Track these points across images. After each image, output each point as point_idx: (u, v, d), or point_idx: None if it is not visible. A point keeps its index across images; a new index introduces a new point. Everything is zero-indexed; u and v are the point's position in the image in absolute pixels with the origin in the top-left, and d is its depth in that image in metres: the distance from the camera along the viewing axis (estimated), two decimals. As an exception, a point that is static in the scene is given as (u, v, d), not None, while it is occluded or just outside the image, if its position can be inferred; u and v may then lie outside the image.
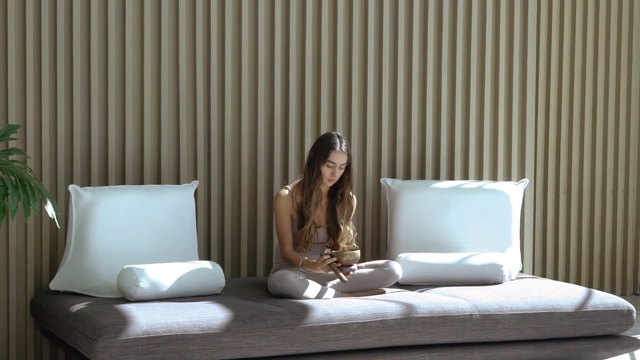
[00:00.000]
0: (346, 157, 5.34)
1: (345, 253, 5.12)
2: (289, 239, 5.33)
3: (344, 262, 5.12)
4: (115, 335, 4.43)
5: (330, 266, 5.16)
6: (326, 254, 5.18)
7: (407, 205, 5.86)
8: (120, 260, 5.15)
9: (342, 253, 5.12)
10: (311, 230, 5.32)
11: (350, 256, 5.12)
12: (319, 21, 5.93)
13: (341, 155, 5.32)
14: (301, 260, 5.24)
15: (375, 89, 6.06)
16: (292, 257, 5.29)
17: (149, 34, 5.59)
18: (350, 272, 5.15)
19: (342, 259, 5.12)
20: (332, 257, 5.14)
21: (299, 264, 5.24)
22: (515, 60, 6.30)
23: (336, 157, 5.32)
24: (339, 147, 5.32)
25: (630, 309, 5.30)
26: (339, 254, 5.13)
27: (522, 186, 6.06)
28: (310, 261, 5.22)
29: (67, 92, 5.45)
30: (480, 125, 6.27)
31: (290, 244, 5.33)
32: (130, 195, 5.29)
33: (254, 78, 5.82)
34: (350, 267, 5.14)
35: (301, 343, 4.74)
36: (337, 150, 5.32)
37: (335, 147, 5.32)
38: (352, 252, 5.13)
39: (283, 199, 5.34)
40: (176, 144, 5.67)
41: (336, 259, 5.13)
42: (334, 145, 5.32)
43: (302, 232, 5.31)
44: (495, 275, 5.59)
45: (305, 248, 5.33)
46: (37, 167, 5.40)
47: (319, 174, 5.33)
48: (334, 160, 5.32)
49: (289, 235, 5.33)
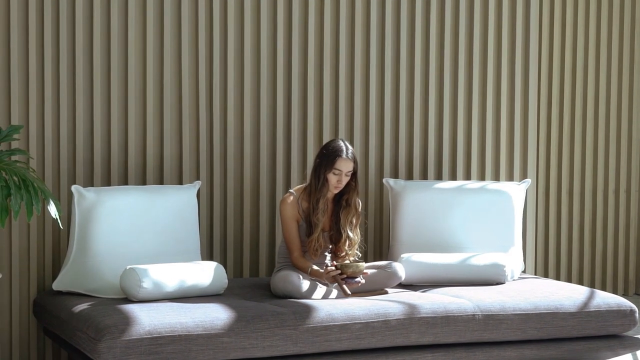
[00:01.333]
0: (352, 165, 5.30)
1: (349, 265, 5.12)
2: (297, 244, 5.31)
3: (349, 274, 5.12)
4: (118, 335, 4.43)
5: (334, 278, 5.14)
6: (331, 266, 5.17)
7: (410, 205, 5.86)
8: (123, 261, 5.15)
9: (346, 265, 5.12)
10: (320, 238, 5.31)
11: (356, 268, 5.12)
12: (321, 22, 5.93)
13: (347, 163, 5.29)
14: (309, 269, 5.23)
15: (378, 89, 6.06)
16: (300, 264, 5.27)
17: (152, 35, 5.59)
18: (355, 283, 5.13)
19: (347, 271, 5.13)
20: (336, 269, 5.14)
21: (307, 272, 5.23)
22: (517, 60, 6.30)
23: (342, 164, 5.29)
24: (346, 154, 5.29)
25: (633, 309, 5.30)
26: (343, 267, 5.12)
27: (525, 186, 6.06)
28: (319, 271, 5.22)
29: (69, 93, 5.45)
30: (483, 125, 6.27)
31: (298, 250, 5.31)
32: (133, 196, 5.29)
33: (256, 78, 5.82)
34: (355, 279, 5.14)
35: (304, 343, 4.74)
36: (343, 158, 5.28)
37: (341, 155, 5.28)
38: (357, 265, 5.12)
39: (289, 205, 5.33)
40: (179, 144, 5.68)
41: (340, 271, 5.14)
42: (341, 153, 5.29)
43: (311, 241, 5.29)
44: (498, 276, 5.59)
45: (315, 255, 5.32)
46: (40, 168, 5.40)
47: (325, 181, 5.30)
48: (340, 168, 5.28)
49: (297, 241, 5.32)
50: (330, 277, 5.15)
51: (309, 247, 5.30)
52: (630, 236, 7.39)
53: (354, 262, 5.20)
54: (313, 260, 5.32)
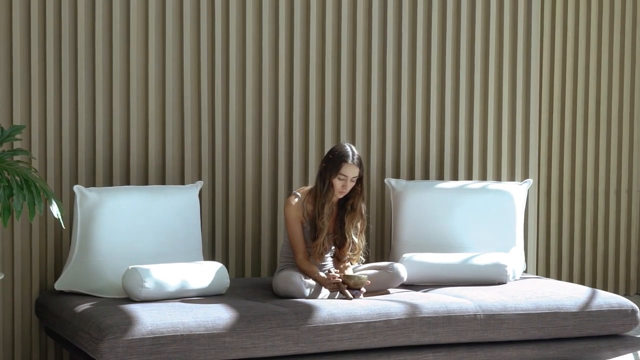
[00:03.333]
0: (358, 170, 5.28)
1: (352, 277, 5.12)
2: (302, 247, 5.30)
3: (352, 284, 5.13)
4: (121, 335, 4.44)
5: (337, 287, 5.14)
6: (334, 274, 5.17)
7: (411, 205, 5.86)
8: (125, 261, 5.15)
9: (349, 277, 5.13)
10: (325, 242, 5.30)
11: (358, 279, 5.12)
12: (322, 23, 5.94)
13: (353, 169, 5.27)
14: (315, 275, 5.23)
15: (379, 89, 6.06)
16: (305, 268, 5.26)
17: (153, 35, 5.60)
18: (357, 295, 5.13)
19: (349, 282, 5.13)
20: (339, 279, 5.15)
21: (313, 277, 5.23)
22: (518, 60, 6.31)
23: (348, 170, 5.27)
24: (352, 160, 5.27)
25: (634, 309, 5.30)
26: (346, 278, 5.13)
27: (526, 186, 6.06)
28: (323, 278, 5.21)
29: (71, 93, 5.46)
30: (484, 125, 6.27)
31: (303, 252, 5.30)
32: (134, 196, 5.30)
33: (258, 78, 5.82)
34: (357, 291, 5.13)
35: (305, 343, 4.75)
36: (349, 164, 5.26)
37: (347, 160, 5.27)
38: (359, 276, 5.13)
39: (293, 208, 5.32)
40: (180, 144, 5.68)
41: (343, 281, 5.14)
42: (346, 158, 5.27)
43: (316, 245, 5.29)
44: (499, 276, 5.59)
45: (319, 259, 5.32)
46: (42, 168, 5.41)
47: (330, 186, 5.29)
48: (345, 173, 5.26)
49: (302, 243, 5.31)
50: (332, 285, 5.15)
51: (313, 251, 5.29)
52: (631, 236, 7.39)
53: (356, 274, 5.19)
54: (317, 263, 5.32)
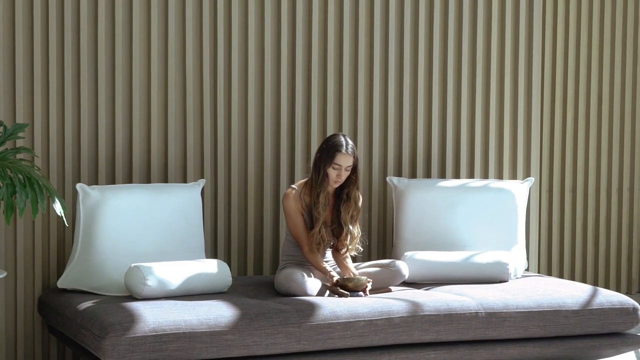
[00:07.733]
0: (352, 159, 5.31)
1: (351, 279, 5.13)
2: (306, 238, 5.32)
3: (351, 287, 5.14)
4: (123, 333, 4.45)
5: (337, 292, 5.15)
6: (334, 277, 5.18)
7: (413, 203, 5.87)
8: (127, 259, 5.16)
9: (348, 279, 5.13)
10: (321, 231, 5.31)
11: (357, 282, 5.13)
12: (325, 20, 5.94)
13: (347, 158, 5.30)
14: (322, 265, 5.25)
15: (381, 87, 6.07)
16: (312, 259, 5.28)
17: (156, 33, 5.61)
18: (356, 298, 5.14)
19: (348, 285, 5.14)
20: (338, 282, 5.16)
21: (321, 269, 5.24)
22: (520, 59, 6.31)
23: (342, 159, 5.30)
24: (345, 149, 5.29)
25: (636, 307, 5.31)
26: (345, 281, 5.13)
27: (528, 185, 6.07)
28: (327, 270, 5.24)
29: (74, 91, 5.47)
30: (486, 123, 6.28)
31: (308, 244, 5.31)
32: (137, 194, 5.31)
33: (260, 76, 5.83)
34: (357, 293, 5.14)
35: (307, 341, 4.76)
36: (342, 153, 5.29)
37: (341, 150, 5.29)
38: (358, 278, 5.13)
39: (292, 200, 5.34)
40: (183, 142, 5.69)
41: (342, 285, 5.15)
42: (340, 148, 5.30)
43: (313, 235, 5.30)
44: (501, 274, 5.60)
45: (318, 250, 5.33)
46: (45, 166, 5.42)
47: (325, 175, 5.31)
48: (339, 163, 5.29)
49: (305, 235, 5.32)
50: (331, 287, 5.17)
51: (311, 240, 5.30)
52: (633, 234, 7.40)
53: (355, 276, 5.19)
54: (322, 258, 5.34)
